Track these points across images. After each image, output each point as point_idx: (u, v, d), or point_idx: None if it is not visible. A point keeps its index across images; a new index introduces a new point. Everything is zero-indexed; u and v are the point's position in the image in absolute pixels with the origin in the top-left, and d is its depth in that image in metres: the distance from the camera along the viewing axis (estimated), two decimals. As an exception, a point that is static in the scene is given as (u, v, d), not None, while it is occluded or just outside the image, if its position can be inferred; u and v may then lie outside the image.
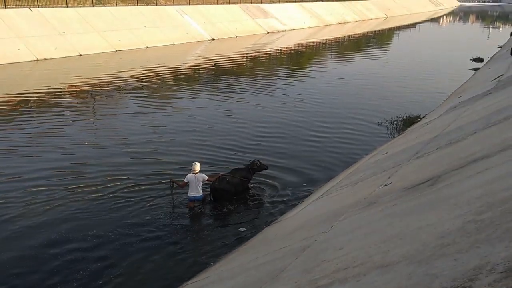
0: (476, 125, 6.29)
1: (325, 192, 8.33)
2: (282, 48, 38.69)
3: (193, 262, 7.26)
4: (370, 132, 14.44)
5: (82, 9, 33.44)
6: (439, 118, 10.54)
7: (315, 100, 18.85)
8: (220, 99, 19.19)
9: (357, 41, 48.57)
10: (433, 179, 4.39)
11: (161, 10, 39.59)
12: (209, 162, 11.23)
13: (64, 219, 8.59)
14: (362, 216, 4.71)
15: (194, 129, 14.58)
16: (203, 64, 29.79)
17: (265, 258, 5.21)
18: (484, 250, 2.16)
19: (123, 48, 31.64)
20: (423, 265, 2.36)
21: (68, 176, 10.57)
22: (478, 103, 9.38)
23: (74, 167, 11.18)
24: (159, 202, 9.28)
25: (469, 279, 1.95)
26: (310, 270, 3.58)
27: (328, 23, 60.49)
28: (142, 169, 11.04)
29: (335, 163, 11.63)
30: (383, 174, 6.65)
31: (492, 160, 3.92)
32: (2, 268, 7.07)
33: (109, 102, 18.85)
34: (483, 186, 3.24)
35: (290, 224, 7.16)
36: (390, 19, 76.44)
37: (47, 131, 14.18)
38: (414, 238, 2.91)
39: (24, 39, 27.16)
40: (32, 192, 9.59)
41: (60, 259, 7.34)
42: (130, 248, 7.67)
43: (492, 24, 78.53)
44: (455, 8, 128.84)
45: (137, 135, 13.85)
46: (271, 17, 51.19)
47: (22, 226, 8.27)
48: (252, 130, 14.46)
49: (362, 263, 3.00)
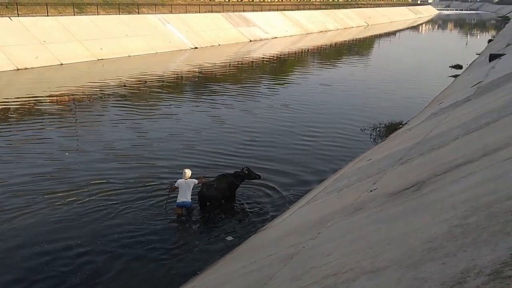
0: (458, 131, 6.42)
1: (311, 199, 8.36)
2: (265, 56, 38.89)
3: (178, 272, 7.19)
4: (353, 138, 14.57)
5: (63, 18, 33.11)
6: (421, 125, 10.70)
7: (299, 107, 18.97)
8: (206, 106, 19.25)
9: (339, 49, 49.13)
10: (417, 184, 4.46)
11: (143, 18, 39.46)
12: (198, 166, 11.28)
13: (44, 224, 8.51)
14: (349, 222, 4.74)
15: (181, 134, 14.65)
16: (186, 72, 29.76)
17: (252, 266, 5.20)
18: (471, 254, 2.20)
19: (105, 57, 31.41)
20: (412, 270, 2.39)
21: (50, 181, 10.51)
22: (458, 109, 9.56)
23: (56, 172, 11.11)
24: (143, 208, 9.21)
25: (458, 282, 1.99)
26: (299, 277, 3.59)
27: (310, 31, 61.08)
28: (127, 175, 10.99)
29: (320, 169, 11.69)
30: (368, 180, 6.72)
31: (475, 165, 4.00)
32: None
33: (93, 110, 18.65)
34: (467, 191, 3.30)
35: (277, 231, 7.16)
36: (371, 27, 77.57)
37: (29, 138, 14.06)
38: (401, 243, 2.95)
39: (3, 48, 26.76)
40: (12, 197, 9.56)
41: (40, 265, 7.24)
42: (113, 255, 7.57)
43: (470, 31, 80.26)
44: (434, 16, 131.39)
45: (123, 141, 13.83)
46: (253, 26, 51.48)
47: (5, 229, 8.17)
48: (238, 136, 14.51)
49: (351, 269, 3.03)
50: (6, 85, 23.72)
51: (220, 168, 11.19)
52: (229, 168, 10.84)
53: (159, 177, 10.84)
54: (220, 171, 10.65)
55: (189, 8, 46.81)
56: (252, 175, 9.88)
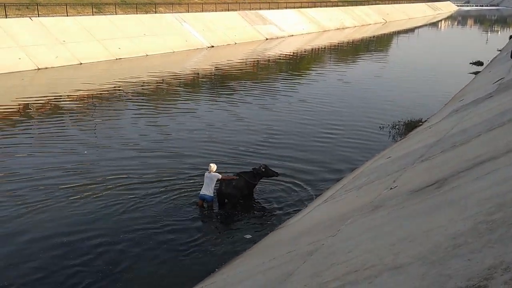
0: (480, 128, 6.31)
1: (329, 197, 8.32)
2: (282, 54, 38.79)
3: (198, 268, 7.24)
4: (372, 136, 14.44)
5: (82, 18, 33.56)
6: (442, 122, 10.55)
7: (317, 104, 18.89)
8: (225, 103, 19.40)
9: (357, 46, 48.73)
10: (440, 181, 4.40)
11: (160, 18, 39.74)
12: (216, 162, 11.36)
13: (68, 217, 8.78)
14: (369, 219, 4.70)
15: (200, 130, 14.91)
16: (203, 70, 29.91)
17: (271, 262, 5.19)
18: (498, 250, 2.16)
19: (123, 56, 31.73)
20: (436, 266, 2.36)
21: (71, 176, 10.83)
22: (480, 106, 9.40)
23: (80, 167, 11.41)
24: (163, 203, 9.39)
25: (485, 278, 1.96)
26: (320, 274, 3.58)
27: (326, 28, 60.70)
28: (146, 170, 11.25)
29: (338, 167, 11.63)
30: (387, 178, 6.65)
31: (499, 161, 3.93)
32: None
33: (114, 107, 18.86)
34: (492, 187, 3.24)
35: (295, 229, 7.15)
36: (389, 24, 76.72)
37: (52, 134, 14.41)
38: (424, 240, 2.91)
39: (24, 48, 27.25)
40: (35, 190, 9.90)
41: (63, 257, 7.46)
42: (131, 248, 7.74)
43: (491, 28, 78.76)
44: (453, 12, 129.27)
45: (147, 139, 14.10)
46: (270, 24, 51.38)
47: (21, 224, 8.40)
48: (257, 133, 14.56)
49: (373, 265, 3.00)
50: (29, 84, 24.17)
51: (239, 165, 11.26)
52: (247, 165, 10.91)
53: (179, 172, 11.03)
54: (238, 168, 10.70)
55: (206, 7, 46.96)
56: (270, 172, 9.88)
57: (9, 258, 7.44)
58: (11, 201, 9.39)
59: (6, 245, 7.87)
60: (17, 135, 14.66)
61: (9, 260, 7.38)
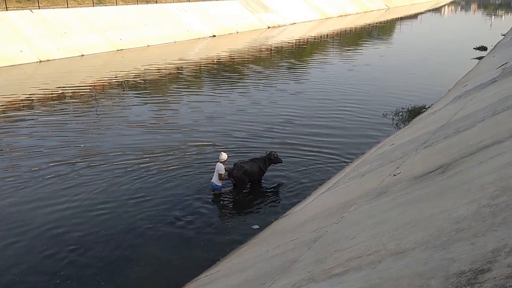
0: (484, 113, 6.27)
1: (333, 185, 8.33)
2: (285, 42, 38.56)
3: (202, 255, 7.28)
4: (375, 124, 14.37)
5: (82, 9, 33.41)
6: (445, 108, 10.50)
7: (319, 92, 18.83)
8: (232, 91, 19.53)
9: (360, 33, 48.36)
10: (443, 167, 4.38)
11: (161, 8, 39.50)
12: (225, 149, 11.43)
13: (82, 201, 9.11)
14: (373, 206, 4.71)
15: (210, 119, 15.00)
16: (206, 59, 29.81)
17: (276, 250, 5.22)
18: (501, 233, 2.16)
19: (124, 47, 31.63)
20: (440, 250, 2.36)
21: (77, 167, 10.95)
22: (484, 91, 9.34)
23: (82, 157, 11.53)
24: (171, 191, 9.57)
25: (488, 261, 1.95)
26: (323, 260, 3.59)
27: (329, 15, 60.18)
28: (161, 156, 11.43)
29: (342, 155, 11.60)
30: (391, 164, 6.65)
31: (503, 145, 3.90)
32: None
33: (121, 97, 18.85)
34: (496, 171, 3.23)
35: (299, 217, 7.17)
36: (392, 10, 75.98)
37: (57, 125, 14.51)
38: (428, 225, 2.91)
39: (26, 41, 27.19)
40: (43, 181, 10.04)
41: (71, 242, 7.68)
42: (139, 233, 7.96)
43: (494, 12, 77.92)
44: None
45: (154, 121, 14.64)
46: (272, 12, 50.97)
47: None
48: (262, 122, 14.55)
49: (376, 251, 3.01)
50: (32, 76, 24.13)
51: (244, 153, 11.39)
52: (252, 152, 11.05)
53: (188, 159, 11.23)
54: (245, 155, 10.77)
55: (207, -4, 46.56)
56: (277, 159, 9.98)
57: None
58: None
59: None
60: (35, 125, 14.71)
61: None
